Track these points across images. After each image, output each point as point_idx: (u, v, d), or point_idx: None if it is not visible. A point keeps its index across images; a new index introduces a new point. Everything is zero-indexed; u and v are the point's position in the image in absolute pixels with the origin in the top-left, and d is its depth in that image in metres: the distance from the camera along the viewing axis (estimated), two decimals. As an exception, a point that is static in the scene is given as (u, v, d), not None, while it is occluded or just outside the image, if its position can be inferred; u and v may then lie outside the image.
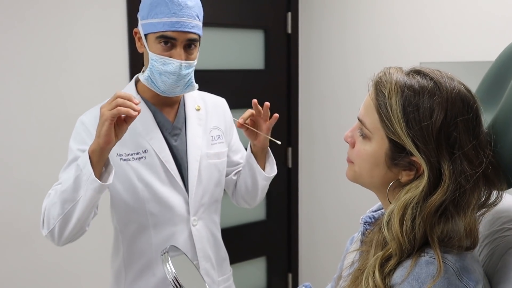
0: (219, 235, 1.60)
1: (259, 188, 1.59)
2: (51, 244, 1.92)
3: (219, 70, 2.66)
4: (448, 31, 2.09)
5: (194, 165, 1.46)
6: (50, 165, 2.16)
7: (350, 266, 0.94)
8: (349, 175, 0.93)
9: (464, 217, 0.78)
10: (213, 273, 1.54)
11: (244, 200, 1.66)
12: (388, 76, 0.83)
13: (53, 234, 1.29)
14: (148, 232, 1.44)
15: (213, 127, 1.56)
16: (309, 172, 2.98)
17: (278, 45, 2.88)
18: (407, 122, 0.78)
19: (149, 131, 1.42)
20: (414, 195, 0.78)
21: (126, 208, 1.42)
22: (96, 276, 2.33)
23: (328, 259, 2.90)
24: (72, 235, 1.30)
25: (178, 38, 1.34)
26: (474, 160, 0.77)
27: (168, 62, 1.35)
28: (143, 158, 1.41)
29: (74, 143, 1.39)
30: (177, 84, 1.38)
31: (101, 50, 2.27)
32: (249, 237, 2.90)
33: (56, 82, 2.18)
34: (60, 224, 1.27)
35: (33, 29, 2.10)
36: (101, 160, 1.24)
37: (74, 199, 1.24)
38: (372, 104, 0.84)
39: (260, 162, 1.56)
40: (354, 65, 2.60)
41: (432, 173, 0.77)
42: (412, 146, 0.78)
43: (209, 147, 1.52)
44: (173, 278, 0.94)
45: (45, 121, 2.17)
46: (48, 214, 1.29)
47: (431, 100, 0.77)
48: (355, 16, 2.55)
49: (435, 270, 0.73)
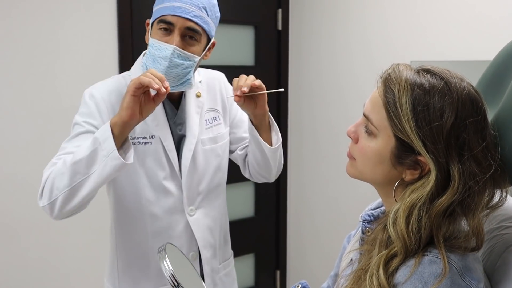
0: (223, 219, 1.56)
1: (270, 161, 1.48)
2: (40, 241, 1.89)
3: (209, 66, 2.62)
4: (439, 30, 2.10)
5: (188, 154, 1.43)
6: (39, 160, 2.13)
7: (349, 265, 0.93)
8: (349, 171, 0.92)
9: (472, 219, 0.77)
10: (214, 261, 1.52)
11: (260, 175, 1.55)
12: (397, 73, 0.81)
13: (53, 206, 1.21)
14: (144, 220, 1.41)
15: (207, 109, 1.50)
16: (298, 169, 2.99)
17: (268, 42, 2.87)
18: (417, 121, 0.77)
19: (156, 119, 1.39)
20: (421, 195, 0.77)
21: (124, 193, 1.39)
22: (86, 272, 2.30)
23: (316, 256, 2.91)
24: (73, 210, 1.23)
25: (176, 23, 1.29)
26: (483, 162, 0.77)
27: (162, 47, 1.30)
28: (149, 143, 1.38)
29: (82, 116, 1.33)
30: (168, 74, 1.30)
31: (91, 44, 2.23)
32: (238, 234, 2.87)
33: (45, 76, 2.15)
34: (65, 196, 1.19)
35: (22, 22, 2.07)
36: (121, 136, 1.18)
37: (87, 172, 1.18)
38: (380, 101, 0.82)
39: (264, 134, 1.45)
40: (344, 62, 2.60)
41: (440, 174, 0.77)
42: (421, 145, 0.77)
43: (203, 132, 1.47)
44: (170, 275, 0.92)
45: (33, 117, 2.14)
46: (51, 184, 1.21)
47: (441, 101, 0.77)
48: (346, 13, 2.56)
49: (439, 269, 0.73)
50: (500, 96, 0.88)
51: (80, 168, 1.19)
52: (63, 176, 1.20)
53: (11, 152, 2.10)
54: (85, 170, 1.18)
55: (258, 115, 1.42)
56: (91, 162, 1.18)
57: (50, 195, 1.22)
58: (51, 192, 1.22)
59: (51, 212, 1.24)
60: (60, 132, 1.38)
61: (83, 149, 1.20)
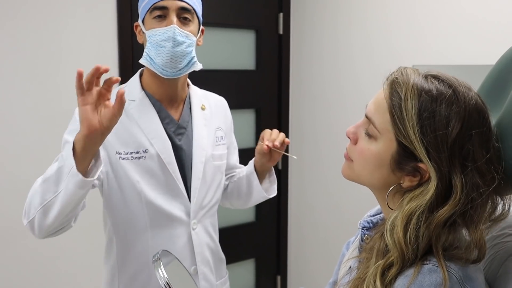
0: (217, 237, 1.57)
1: (251, 201, 1.62)
2: (36, 246, 1.87)
3: (210, 70, 2.63)
4: (441, 34, 2.09)
5: (199, 167, 1.42)
6: (32, 162, 2.12)
7: (347, 273, 0.91)
8: (345, 172, 0.89)
9: (475, 232, 0.75)
10: (212, 277, 1.51)
11: (230, 204, 1.68)
12: (405, 76, 0.79)
13: (32, 225, 1.19)
14: (145, 235, 1.39)
15: (217, 127, 1.53)
16: (299, 174, 2.97)
17: (269, 46, 2.86)
18: (422, 128, 0.75)
19: (152, 129, 1.37)
20: (420, 204, 0.75)
21: (122, 209, 1.37)
22: (86, 278, 2.29)
23: (317, 261, 2.88)
24: (53, 228, 1.19)
25: (170, 6, 1.32)
26: (487, 175, 0.75)
27: (163, 31, 1.32)
28: (143, 158, 1.36)
29: (69, 134, 1.30)
30: (175, 54, 1.32)
31: (91, 46, 2.23)
32: (238, 239, 2.88)
33: (46, 78, 2.14)
34: (40, 215, 1.16)
35: (22, 24, 2.06)
36: (87, 152, 1.10)
37: (56, 190, 1.14)
38: (385, 103, 0.79)
39: (260, 179, 1.56)
40: (345, 66, 2.59)
41: (441, 184, 0.75)
42: (424, 153, 0.75)
43: (214, 148, 1.49)
44: (165, 284, 0.91)
45: (34, 118, 2.13)
46: (29, 203, 1.19)
47: (448, 109, 0.75)
48: (347, 17, 2.54)
49: (439, 279, 0.71)
50: (502, 101, 0.87)
51: (49, 186, 1.15)
52: (36, 194, 1.18)
53: (12, 153, 2.10)
54: (54, 188, 1.15)
55: (265, 166, 1.53)
56: (58, 180, 1.14)
57: (28, 214, 1.19)
58: (29, 211, 1.20)
59: (32, 231, 1.21)
60: (61, 134, 1.37)
61: (53, 167, 1.17)
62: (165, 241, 1.40)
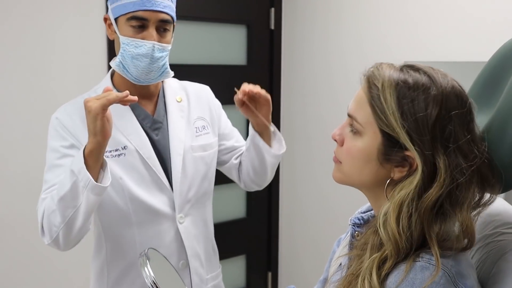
0: (209, 230, 1.54)
1: (268, 167, 1.52)
2: (26, 242, 1.85)
3: (201, 65, 2.61)
4: (433, 31, 2.08)
5: (177, 159, 1.40)
6: (24, 161, 2.10)
7: (338, 270, 0.90)
8: (336, 176, 0.89)
9: (460, 213, 0.76)
10: (202, 271, 1.49)
11: (253, 182, 1.59)
12: (381, 70, 0.82)
13: (57, 242, 1.23)
14: (132, 231, 1.38)
15: (196, 117, 1.49)
16: (290, 170, 2.96)
17: (260, 41, 2.84)
18: (402, 114, 0.76)
19: (128, 126, 1.36)
20: (409, 191, 0.76)
21: (108, 207, 1.36)
22: (74, 275, 2.27)
23: (308, 258, 2.88)
24: (78, 238, 1.25)
25: (150, 18, 1.27)
26: (469, 154, 0.76)
27: (140, 44, 1.28)
28: (123, 155, 1.35)
29: (54, 141, 1.31)
30: (150, 69, 1.31)
31: (78, 41, 2.20)
32: (229, 235, 2.86)
33: (41, 77, 2.12)
34: (64, 231, 1.20)
35: (17, 23, 2.04)
36: (99, 161, 1.17)
37: (75, 205, 1.18)
38: (364, 98, 0.82)
39: (265, 140, 1.49)
40: (337, 62, 2.57)
41: (426, 167, 0.76)
42: (406, 138, 0.76)
43: (193, 139, 1.45)
44: (151, 282, 0.89)
45: (20, 116, 2.10)
46: (48, 222, 1.22)
47: (426, 93, 0.77)
48: (339, 13, 2.53)
49: (431, 276, 0.71)
50: (496, 98, 0.86)
51: (67, 202, 1.18)
52: (54, 213, 1.20)
53: (6, 150, 2.08)
54: (72, 203, 1.18)
55: (260, 125, 1.47)
56: (75, 195, 1.17)
57: (50, 232, 1.22)
58: (50, 230, 1.22)
59: (57, 247, 1.25)
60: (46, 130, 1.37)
61: (64, 183, 1.19)
62: (152, 236, 1.38)
